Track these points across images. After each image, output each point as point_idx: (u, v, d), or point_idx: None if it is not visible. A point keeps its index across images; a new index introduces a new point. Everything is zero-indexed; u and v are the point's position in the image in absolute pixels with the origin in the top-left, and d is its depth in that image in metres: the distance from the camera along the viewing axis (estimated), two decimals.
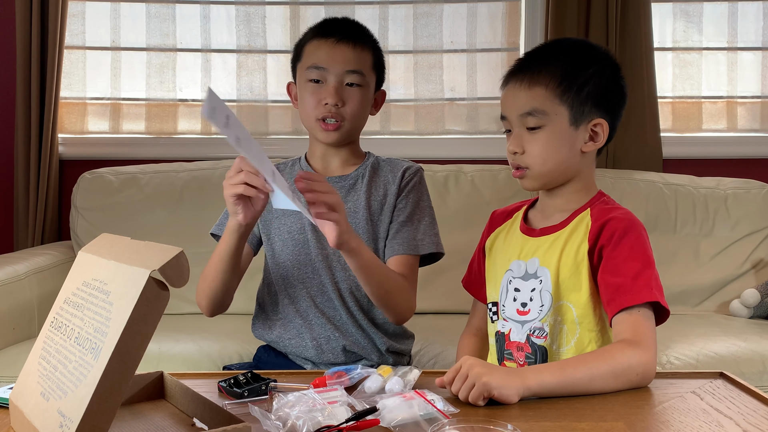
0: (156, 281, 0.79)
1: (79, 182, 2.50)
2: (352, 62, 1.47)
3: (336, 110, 1.46)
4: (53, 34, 2.55)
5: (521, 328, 1.30)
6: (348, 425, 0.90)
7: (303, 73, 1.51)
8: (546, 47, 1.37)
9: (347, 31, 1.50)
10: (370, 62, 1.51)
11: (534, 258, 1.30)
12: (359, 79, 1.48)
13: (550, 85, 1.26)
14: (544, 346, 1.26)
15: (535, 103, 1.26)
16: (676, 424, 0.95)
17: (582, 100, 1.26)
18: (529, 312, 1.29)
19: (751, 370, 1.82)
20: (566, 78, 1.26)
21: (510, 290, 1.32)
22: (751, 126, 2.79)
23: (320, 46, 1.49)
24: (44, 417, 0.84)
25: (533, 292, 1.29)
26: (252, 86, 2.78)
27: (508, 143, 1.30)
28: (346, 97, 1.47)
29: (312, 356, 1.50)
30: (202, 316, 1.49)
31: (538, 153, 1.26)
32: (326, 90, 1.47)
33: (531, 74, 1.27)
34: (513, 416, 0.99)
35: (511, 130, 1.30)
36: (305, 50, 1.52)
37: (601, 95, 1.28)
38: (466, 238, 2.43)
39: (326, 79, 1.47)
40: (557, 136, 1.26)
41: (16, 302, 2.07)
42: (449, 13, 2.78)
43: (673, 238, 2.46)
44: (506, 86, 1.32)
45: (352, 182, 1.53)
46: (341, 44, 1.47)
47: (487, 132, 2.78)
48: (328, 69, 1.47)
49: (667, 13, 2.77)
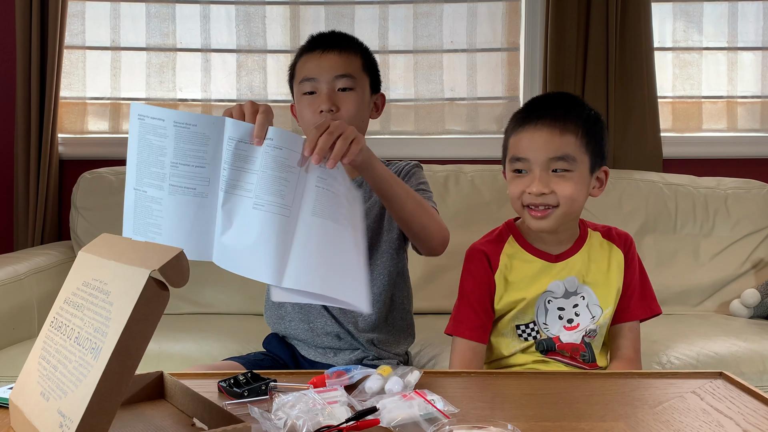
0: (156, 281, 0.79)
1: (79, 182, 2.50)
2: (340, 67, 1.50)
3: (332, 116, 1.48)
4: (53, 34, 2.55)
5: (573, 333, 1.43)
6: (348, 425, 0.90)
7: (298, 88, 1.55)
8: (556, 97, 1.48)
9: (332, 41, 1.54)
10: (359, 65, 1.54)
11: (571, 277, 1.43)
12: (350, 83, 1.51)
13: (579, 134, 1.38)
14: (590, 343, 1.44)
15: (568, 149, 1.37)
16: (676, 424, 0.95)
17: (598, 152, 1.41)
18: (578, 326, 1.43)
19: (751, 370, 1.82)
20: (588, 131, 1.39)
21: (551, 309, 1.43)
22: (751, 126, 2.79)
23: (309, 59, 1.53)
24: (44, 417, 0.84)
25: (577, 308, 1.44)
26: (252, 86, 2.78)
27: (531, 185, 1.37)
28: (340, 102, 1.50)
29: (307, 338, 1.55)
30: (202, 316, 1.50)
31: (569, 194, 1.37)
32: (319, 98, 1.50)
33: (560, 121, 1.37)
34: (513, 416, 0.99)
35: (526, 171, 1.38)
36: (297, 68, 1.57)
37: (605, 148, 1.45)
38: (466, 238, 2.42)
39: (318, 89, 1.50)
40: (582, 181, 1.39)
41: (16, 302, 2.07)
42: (449, 13, 2.78)
43: (673, 238, 2.46)
44: (527, 129, 1.39)
45: (357, 185, 1.54)
46: (327, 53, 1.51)
47: (487, 132, 2.78)
48: (318, 78, 1.50)
49: (667, 13, 2.77)
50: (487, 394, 1.12)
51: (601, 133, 1.43)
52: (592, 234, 1.49)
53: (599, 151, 1.42)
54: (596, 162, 1.41)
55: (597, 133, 1.41)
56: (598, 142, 1.41)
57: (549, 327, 1.43)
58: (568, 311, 1.43)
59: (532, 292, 1.43)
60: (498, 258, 1.45)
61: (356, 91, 1.51)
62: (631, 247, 1.49)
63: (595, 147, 1.40)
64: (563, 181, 1.37)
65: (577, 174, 1.38)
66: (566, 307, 1.43)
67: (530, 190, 1.37)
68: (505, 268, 1.45)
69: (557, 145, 1.36)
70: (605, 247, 1.48)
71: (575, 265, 1.44)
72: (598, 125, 1.43)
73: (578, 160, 1.38)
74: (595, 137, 1.40)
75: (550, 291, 1.43)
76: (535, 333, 1.44)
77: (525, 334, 1.44)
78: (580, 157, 1.38)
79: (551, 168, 1.37)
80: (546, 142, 1.37)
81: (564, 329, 1.43)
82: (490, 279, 1.45)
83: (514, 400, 1.09)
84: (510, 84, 2.80)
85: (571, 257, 1.45)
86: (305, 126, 1.54)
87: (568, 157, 1.36)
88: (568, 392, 1.10)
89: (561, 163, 1.37)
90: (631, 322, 1.47)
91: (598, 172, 1.43)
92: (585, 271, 1.44)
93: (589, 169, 1.40)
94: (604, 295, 1.45)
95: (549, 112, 1.39)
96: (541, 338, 1.43)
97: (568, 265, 1.44)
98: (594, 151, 1.40)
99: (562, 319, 1.43)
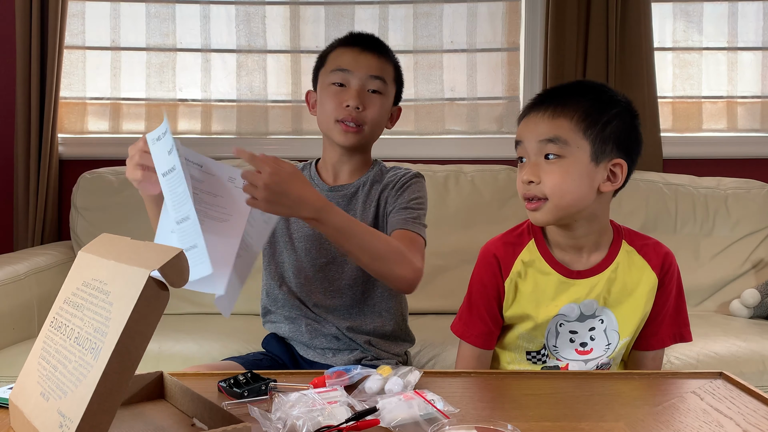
0: (156, 281, 0.79)
1: (79, 182, 2.50)
2: (376, 69, 1.50)
3: (357, 113, 1.48)
4: (53, 34, 2.55)
5: (584, 365, 1.34)
6: (348, 425, 0.90)
7: (326, 77, 1.52)
8: (569, 86, 1.36)
9: (372, 43, 1.54)
10: (392, 73, 1.55)
11: (590, 300, 1.32)
12: (381, 87, 1.51)
13: (574, 119, 1.26)
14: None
15: (558, 131, 1.25)
16: (676, 424, 0.95)
17: (605, 138, 1.26)
18: (591, 351, 1.34)
19: (751, 370, 1.82)
20: (590, 114, 1.26)
21: (563, 333, 1.34)
22: (751, 126, 2.79)
23: (345, 52, 1.52)
24: (44, 417, 0.84)
25: (593, 331, 1.34)
26: (252, 86, 2.78)
27: (522, 172, 1.28)
28: (368, 102, 1.50)
29: (305, 339, 1.54)
30: (202, 316, 1.50)
31: (556, 183, 1.25)
32: (349, 93, 1.49)
33: (555, 106, 1.27)
34: (513, 416, 0.99)
35: (525, 158, 1.29)
36: (329, 57, 1.55)
37: (622, 137, 1.28)
38: (466, 238, 2.44)
39: (349, 83, 1.50)
40: (577, 169, 1.25)
41: (16, 302, 2.07)
42: (449, 13, 2.78)
43: (673, 238, 2.46)
44: (527, 116, 1.31)
45: (354, 190, 1.55)
46: (366, 52, 1.51)
47: (487, 132, 2.78)
48: (352, 72, 1.49)
49: (667, 13, 2.77)
50: (487, 394, 1.12)
51: (616, 119, 1.27)
52: (626, 249, 1.34)
53: (609, 139, 1.26)
54: (603, 150, 1.25)
55: (606, 118, 1.26)
56: (606, 127, 1.26)
57: (559, 349, 1.34)
58: (582, 334, 1.33)
59: (542, 315, 1.33)
60: (511, 264, 1.35)
61: (384, 96, 1.52)
62: (670, 269, 1.34)
63: (602, 134, 1.25)
64: (551, 169, 1.25)
65: (570, 161, 1.24)
66: (580, 330, 1.33)
67: (521, 178, 1.29)
68: (518, 276, 1.34)
69: (546, 127, 1.26)
70: (638, 266, 1.33)
71: (597, 286, 1.31)
72: (611, 110, 1.27)
73: (572, 145, 1.24)
74: (603, 123, 1.25)
75: (563, 314, 1.32)
76: (545, 358, 1.36)
77: (534, 359, 1.37)
78: (575, 142, 1.24)
79: (544, 152, 1.26)
80: (535, 125, 1.27)
81: (576, 353, 1.34)
82: (500, 286, 1.35)
83: (514, 400, 1.09)
84: (510, 84, 2.80)
85: (593, 276, 1.32)
86: (323, 114, 1.51)
87: (559, 139, 1.24)
88: (568, 392, 1.10)
89: (551, 146, 1.25)
90: (655, 351, 1.37)
91: (609, 164, 1.27)
92: (607, 293, 1.32)
93: (591, 156, 1.25)
94: (626, 322, 1.33)
95: (550, 98, 1.30)
96: (550, 365, 1.36)
97: (589, 284, 1.32)
98: (599, 138, 1.25)
99: (574, 343, 1.34)
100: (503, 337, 1.40)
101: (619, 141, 1.27)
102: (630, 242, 1.35)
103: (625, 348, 1.38)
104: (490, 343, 1.39)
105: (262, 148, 2.67)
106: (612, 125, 1.26)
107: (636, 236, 1.37)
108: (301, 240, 1.54)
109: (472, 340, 1.38)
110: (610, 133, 1.26)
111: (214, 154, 2.65)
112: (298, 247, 1.54)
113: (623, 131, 1.28)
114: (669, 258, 1.35)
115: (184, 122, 2.78)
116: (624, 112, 1.29)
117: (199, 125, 2.79)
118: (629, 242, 1.35)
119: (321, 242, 1.52)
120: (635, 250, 1.34)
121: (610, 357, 1.35)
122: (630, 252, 1.34)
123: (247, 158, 1.17)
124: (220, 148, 2.73)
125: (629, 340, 1.36)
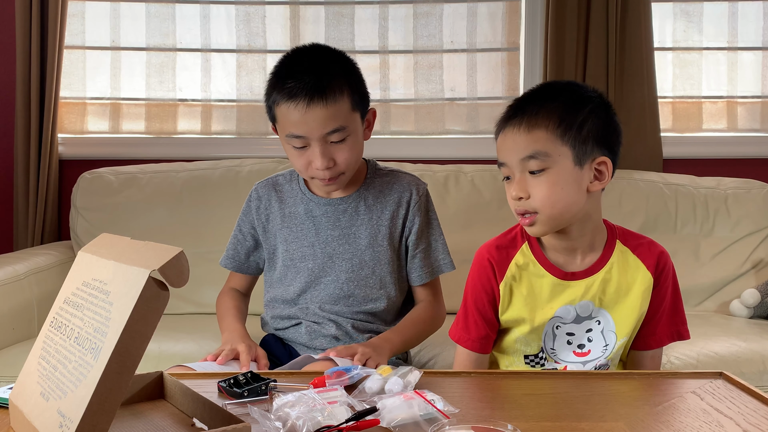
0: (156, 281, 0.79)
1: (79, 182, 2.50)
2: (331, 122, 1.39)
3: (329, 170, 1.43)
4: (53, 34, 2.55)
5: (583, 367, 1.34)
6: (348, 425, 0.90)
7: (282, 133, 1.45)
8: (537, 91, 1.33)
9: (313, 86, 1.38)
10: (347, 107, 1.42)
11: (585, 302, 1.32)
12: (342, 135, 1.42)
13: (550, 127, 1.24)
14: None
15: (537, 145, 1.24)
16: (676, 424, 0.95)
17: (583, 138, 1.25)
18: (589, 352, 1.34)
19: (751, 370, 1.82)
20: (565, 118, 1.24)
21: (560, 335, 1.34)
22: (751, 126, 2.79)
23: (291, 111, 1.40)
24: (44, 417, 0.84)
25: (590, 333, 1.34)
26: (252, 86, 2.78)
27: (510, 190, 1.28)
28: (335, 153, 1.42)
29: (305, 341, 1.56)
30: (202, 316, 1.50)
31: (545, 195, 1.24)
32: (313, 154, 1.41)
33: (528, 118, 1.25)
34: (513, 416, 0.99)
35: (511, 176, 1.28)
36: (277, 113, 1.45)
37: (601, 133, 1.27)
38: (466, 238, 2.43)
39: (309, 143, 1.42)
40: (563, 177, 1.24)
41: (15, 302, 2.07)
42: (449, 13, 2.78)
43: (673, 238, 2.46)
44: (503, 132, 1.29)
45: (354, 204, 1.54)
46: (312, 107, 1.38)
47: (487, 132, 2.78)
48: (307, 136, 1.41)
49: (667, 13, 2.77)
50: (487, 394, 1.12)
51: (591, 116, 1.25)
52: (621, 249, 1.33)
53: (588, 138, 1.24)
54: (584, 151, 1.24)
55: (581, 119, 1.24)
56: (583, 127, 1.24)
57: (557, 352, 1.34)
58: (579, 336, 1.33)
59: (538, 318, 1.32)
60: (506, 267, 1.34)
61: (350, 133, 1.42)
62: (665, 268, 1.34)
63: (579, 135, 1.24)
64: (538, 183, 1.24)
65: (555, 171, 1.23)
66: (577, 332, 1.33)
67: (510, 195, 1.28)
68: (513, 280, 1.34)
69: (524, 143, 1.24)
70: (633, 266, 1.33)
71: (592, 287, 1.31)
72: (584, 108, 1.26)
73: (553, 155, 1.23)
74: (579, 123, 1.24)
75: (559, 317, 1.32)
76: (543, 361, 1.36)
77: (533, 363, 1.37)
78: (555, 151, 1.23)
79: (527, 169, 1.25)
80: (514, 143, 1.26)
81: (574, 355, 1.34)
82: (494, 289, 1.35)
83: (514, 400, 1.09)
84: (510, 84, 2.80)
85: (588, 277, 1.31)
86: (295, 167, 1.50)
87: (539, 154, 1.23)
88: (568, 392, 1.10)
89: (533, 162, 1.24)
90: (654, 350, 1.38)
91: (593, 163, 1.26)
92: (603, 293, 1.32)
93: (574, 160, 1.24)
94: (622, 322, 1.33)
95: (522, 109, 1.27)
96: (548, 368, 1.35)
97: (584, 285, 1.31)
98: (578, 140, 1.24)
99: (572, 345, 1.33)
100: (501, 341, 1.40)
101: (598, 138, 1.26)
102: (624, 242, 1.34)
103: (623, 348, 1.37)
104: (487, 347, 1.39)
105: (262, 147, 2.68)
106: (588, 124, 1.25)
107: (630, 236, 1.36)
108: (304, 260, 1.57)
109: (470, 345, 1.37)
110: (588, 132, 1.25)
111: (214, 154, 2.67)
112: (301, 268, 1.57)
113: (600, 127, 1.27)
114: (664, 257, 1.34)
115: (183, 122, 2.78)
116: (597, 107, 1.28)
117: (199, 125, 2.78)
118: (623, 242, 1.34)
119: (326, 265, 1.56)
120: (629, 250, 1.34)
121: (608, 358, 1.34)
122: (624, 252, 1.33)
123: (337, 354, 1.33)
124: (219, 148, 2.73)
125: (627, 341, 1.36)
